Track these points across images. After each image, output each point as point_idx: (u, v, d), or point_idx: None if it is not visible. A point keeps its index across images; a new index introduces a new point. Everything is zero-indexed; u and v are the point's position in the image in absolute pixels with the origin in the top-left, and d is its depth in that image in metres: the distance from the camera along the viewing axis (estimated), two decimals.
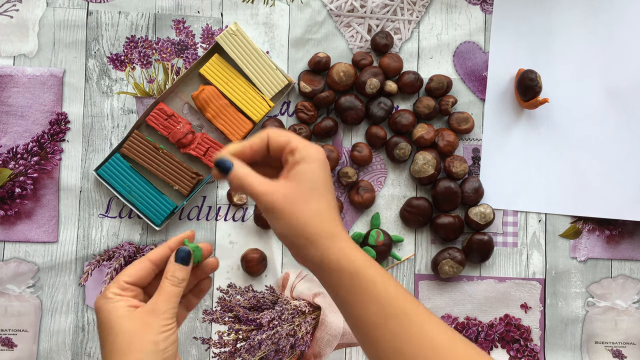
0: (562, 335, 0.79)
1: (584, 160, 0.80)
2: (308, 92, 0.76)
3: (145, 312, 0.50)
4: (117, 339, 0.49)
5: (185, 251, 0.52)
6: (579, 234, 0.80)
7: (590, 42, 0.80)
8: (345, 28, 0.79)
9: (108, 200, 0.76)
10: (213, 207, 0.77)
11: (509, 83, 0.79)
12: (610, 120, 0.80)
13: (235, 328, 0.69)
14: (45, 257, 0.75)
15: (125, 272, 0.52)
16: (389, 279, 0.49)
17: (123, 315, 0.50)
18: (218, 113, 0.75)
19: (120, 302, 0.51)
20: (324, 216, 0.50)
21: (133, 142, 0.75)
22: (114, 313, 0.50)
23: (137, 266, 0.53)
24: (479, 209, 0.77)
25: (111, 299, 0.51)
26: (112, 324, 0.50)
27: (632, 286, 0.80)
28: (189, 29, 0.77)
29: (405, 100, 0.79)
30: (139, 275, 0.52)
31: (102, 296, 0.51)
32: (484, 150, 0.79)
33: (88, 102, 0.76)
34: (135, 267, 0.53)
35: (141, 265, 0.53)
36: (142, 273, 0.53)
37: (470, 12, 0.80)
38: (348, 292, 0.49)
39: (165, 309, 0.50)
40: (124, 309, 0.50)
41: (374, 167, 0.79)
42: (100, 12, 0.76)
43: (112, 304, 0.50)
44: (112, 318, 0.50)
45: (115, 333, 0.49)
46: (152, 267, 0.53)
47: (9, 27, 0.76)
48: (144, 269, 0.53)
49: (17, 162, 0.75)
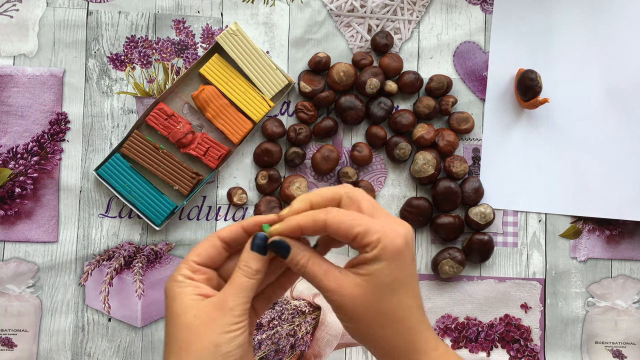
0: (562, 335, 0.79)
1: (584, 160, 0.80)
2: (308, 92, 0.76)
3: (212, 305, 0.43)
4: (178, 331, 0.43)
5: (262, 238, 0.45)
6: (579, 234, 0.80)
7: (590, 42, 0.80)
8: (345, 28, 0.79)
9: (108, 200, 0.76)
10: (213, 207, 0.77)
11: (509, 83, 0.80)
12: (610, 120, 0.80)
13: None
14: (45, 257, 0.75)
15: (193, 251, 0.46)
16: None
17: (189, 306, 0.43)
18: (218, 113, 0.75)
19: (188, 287, 0.44)
20: (403, 327, 0.42)
21: (133, 142, 0.75)
22: (179, 300, 0.44)
23: (205, 244, 0.46)
24: (479, 209, 0.77)
25: (180, 282, 0.44)
26: (176, 313, 0.44)
27: (632, 286, 0.80)
28: (189, 29, 0.77)
29: (405, 100, 0.79)
30: (208, 255, 0.46)
31: (172, 278, 0.45)
32: (484, 150, 0.79)
33: (88, 102, 0.76)
34: (204, 245, 0.46)
35: (210, 243, 0.46)
36: (211, 252, 0.46)
37: (470, 12, 0.80)
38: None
39: (234, 304, 0.43)
40: (191, 298, 0.44)
41: (374, 167, 0.79)
42: (100, 12, 0.76)
43: (180, 288, 0.44)
44: (177, 306, 0.44)
45: (177, 324, 0.43)
46: (223, 246, 0.46)
47: (9, 27, 0.76)
48: (214, 247, 0.46)
49: (17, 162, 0.75)
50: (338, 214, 0.43)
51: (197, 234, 0.76)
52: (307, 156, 0.78)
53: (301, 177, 0.76)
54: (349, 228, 0.42)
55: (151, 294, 0.75)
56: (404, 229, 0.44)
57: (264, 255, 0.45)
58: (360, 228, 0.42)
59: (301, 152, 0.76)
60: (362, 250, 0.43)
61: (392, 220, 0.44)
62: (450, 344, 0.78)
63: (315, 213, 0.44)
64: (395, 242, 0.42)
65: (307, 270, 0.44)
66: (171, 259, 0.76)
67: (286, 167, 0.78)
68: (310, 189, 0.78)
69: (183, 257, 0.76)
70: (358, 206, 0.45)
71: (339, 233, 0.43)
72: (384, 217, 0.44)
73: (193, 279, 0.45)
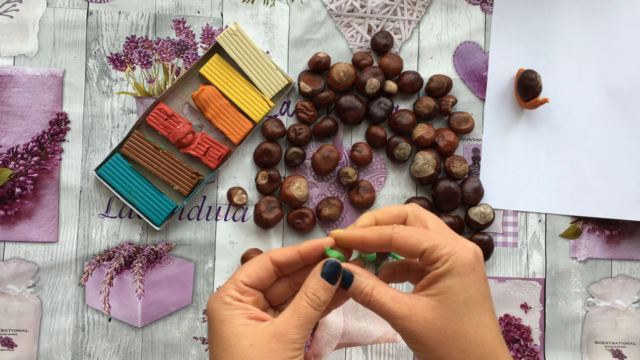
0: (562, 335, 0.79)
1: (584, 160, 0.80)
2: (308, 92, 0.76)
3: (271, 335, 0.40)
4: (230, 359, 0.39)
5: (335, 266, 0.41)
6: (579, 234, 0.80)
7: (590, 42, 0.80)
8: (345, 28, 0.79)
9: (108, 200, 0.76)
10: (213, 207, 0.77)
11: (509, 83, 0.80)
12: (610, 120, 0.80)
13: None
14: (45, 257, 0.75)
15: (243, 271, 0.43)
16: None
17: (242, 333, 0.40)
18: (218, 113, 0.75)
19: (238, 310, 0.41)
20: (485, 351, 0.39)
21: (133, 142, 0.75)
22: (229, 325, 0.40)
23: (255, 265, 0.43)
24: (479, 209, 0.77)
25: (229, 304, 0.41)
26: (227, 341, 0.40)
27: (632, 286, 0.80)
28: (189, 29, 0.77)
29: (405, 100, 0.79)
30: (258, 277, 0.43)
31: (218, 297, 0.42)
32: (484, 150, 0.79)
33: (88, 102, 0.76)
34: (254, 267, 0.43)
35: (261, 265, 0.43)
36: (262, 274, 0.43)
37: (470, 12, 0.80)
38: None
39: (296, 336, 0.40)
40: (243, 322, 0.41)
41: (374, 167, 0.79)
42: (100, 12, 0.77)
43: (229, 311, 0.41)
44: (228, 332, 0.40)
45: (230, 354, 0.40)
46: (274, 269, 0.44)
47: (9, 27, 0.76)
48: (266, 269, 0.43)
49: (17, 162, 0.75)
50: (405, 230, 0.41)
51: (197, 234, 0.76)
52: (307, 156, 0.78)
53: (301, 177, 0.76)
54: (416, 243, 0.40)
55: (151, 294, 0.75)
56: (473, 245, 0.42)
57: (334, 284, 0.42)
58: (429, 243, 0.40)
59: (301, 152, 0.76)
60: (432, 266, 0.40)
61: (460, 237, 0.42)
62: None
63: (381, 228, 0.42)
64: (466, 255, 0.40)
65: (372, 299, 0.41)
66: (171, 259, 0.76)
67: (286, 167, 0.78)
68: (310, 189, 0.78)
69: (183, 257, 0.76)
70: (424, 224, 0.43)
71: (406, 248, 0.41)
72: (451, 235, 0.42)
73: (242, 300, 0.42)
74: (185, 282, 0.76)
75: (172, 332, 0.76)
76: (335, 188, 0.78)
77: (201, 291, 0.76)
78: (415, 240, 0.40)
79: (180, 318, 0.76)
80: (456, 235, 0.43)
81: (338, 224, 0.78)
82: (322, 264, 0.42)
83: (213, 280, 0.76)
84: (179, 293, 0.76)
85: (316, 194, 0.78)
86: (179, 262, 0.76)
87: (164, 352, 0.76)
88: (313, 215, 0.76)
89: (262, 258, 0.44)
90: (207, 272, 0.76)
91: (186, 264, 0.76)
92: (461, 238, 0.43)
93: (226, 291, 0.42)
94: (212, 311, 0.42)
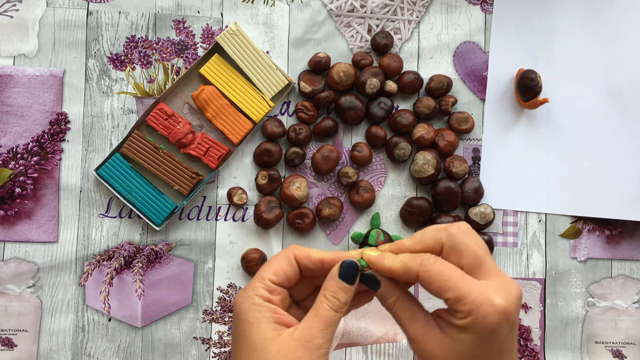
0: (562, 335, 0.79)
1: (584, 160, 0.80)
2: (308, 92, 0.76)
3: (297, 340, 0.39)
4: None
5: (352, 266, 0.41)
6: (579, 234, 0.80)
7: (590, 42, 0.80)
8: (345, 28, 0.79)
9: (108, 200, 0.76)
10: (213, 207, 0.77)
11: (509, 83, 0.79)
12: (610, 120, 0.80)
13: None
14: (45, 257, 0.75)
15: (270, 269, 0.42)
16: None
17: (269, 338, 0.40)
18: (218, 113, 0.75)
19: (267, 312, 0.41)
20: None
21: (133, 142, 0.75)
22: (257, 329, 0.40)
23: (283, 262, 0.43)
24: (479, 209, 0.77)
25: (259, 305, 0.41)
26: (254, 344, 0.40)
27: (632, 286, 0.80)
28: (189, 29, 0.77)
29: (405, 100, 0.79)
30: (285, 274, 0.43)
31: (247, 297, 0.42)
32: (484, 150, 0.79)
33: (88, 102, 0.76)
34: (281, 264, 0.43)
35: (288, 262, 0.43)
36: (288, 271, 0.43)
37: (470, 12, 0.80)
38: None
39: (321, 341, 0.40)
40: (271, 327, 0.40)
41: (374, 167, 0.79)
42: (100, 12, 0.76)
43: (258, 313, 0.41)
44: (256, 336, 0.40)
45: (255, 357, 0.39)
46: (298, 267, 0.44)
47: (9, 27, 0.76)
48: (291, 266, 0.43)
49: (17, 162, 0.75)
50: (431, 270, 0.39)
51: (197, 234, 0.76)
52: (307, 156, 0.78)
53: (301, 177, 0.76)
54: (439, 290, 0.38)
55: (151, 294, 0.75)
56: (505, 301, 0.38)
57: (352, 285, 0.41)
58: (452, 294, 0.38)
59: (301, 152, 0.76)
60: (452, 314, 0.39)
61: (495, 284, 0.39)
62: None
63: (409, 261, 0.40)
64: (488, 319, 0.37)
65: (393, 310, 0.41)
66: (171, 259, 0.76)
67: (286, 167, 0.78)
68: (310, 189, 0.78)
69: (183, 257, 0.76)
70: (458, 258, 0.41)
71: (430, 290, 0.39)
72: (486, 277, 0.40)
73: (271, 301, 0.42)
74: (185, 282, 0.76)
75: (172, 332, 0.76)
76: (335, 188, 0.78)
77: (201, 291, 0.76)
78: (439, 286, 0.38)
79: (180, 318, 0.76)
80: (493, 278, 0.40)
81: (338, 224, 0.78)
82: (339, 265, 0.42)
83: (213, 280, 0.76)
84: (179, 293, 0.76)
85: (316, 194, 0.78)
86: (179, 262, 0.76)
87: (164, 352, 0.76)
88: (313, 215, 0.76)
89: (287, 254, 0.43)
90: (207, 272, 0.76)
91: (186, 264, 0.76)
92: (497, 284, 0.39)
93: (255, 290, 0.42)
94: (240, 311, 0.41)
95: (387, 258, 0.42)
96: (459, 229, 0.42)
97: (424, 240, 0.42)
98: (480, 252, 0.41)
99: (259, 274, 0.43)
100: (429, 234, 0.42)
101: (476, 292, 0.38)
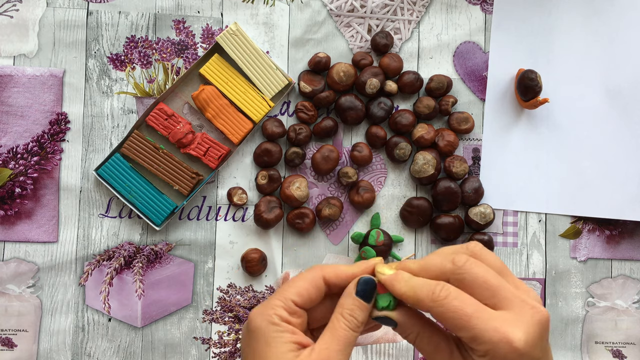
0: (562, 335, 0.79)
1: (584, 160, 0.80)
2: (308, 92, 0.76)
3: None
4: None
5: (370, 283, 0.40)
6: (579, 234, 0.80)
7: (590, 42, 0.80)
8: (345, 28, 0.79)
9: (108, 200, 0.76)
10: (213, 207, 0.77)
11: (509, 83, 0.79)
12: (610, 120, 0.80)
13: (235, 328, 0.69)
14: (45, 257, 0.75)
15: (294, 289, 0.41)
16: None
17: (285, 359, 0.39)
18: (218, 113, 0.75)
19: (285, 333, 0.40)
20: None
21: (133, 142, 0.75)
22: (274, 349, 0.39)
23: (308, 283, 0.41)
24: (479, 209, 0.77)
25: (277, 325, 0.40)
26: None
27: (632, 286, 0.80)
28: (189, 29, 0.77)
29: (405, 100, 0.79)
30: (309, 296, 0.41)
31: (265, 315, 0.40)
32: (484, 150, 0.79)
33: (88, 102, 0.76)
34: (306, 285, 0.41)
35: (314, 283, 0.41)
36: (312, 293, 0.41)
37: (470, 12, 0.80)
38: None
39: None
40: (289, 348, 0.39)
41: (374, 167, 0.79)
42: (100, 12, 0.76)
43: (276, 333, 0.39)
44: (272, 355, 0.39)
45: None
46: (325, 290, 0.42)
47: (9, 27, 0.76)
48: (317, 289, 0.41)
49: (17, 162, 0.75)
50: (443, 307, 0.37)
51: (197, 234, 0.76)
52: (307, 156, 0.78)
53: (301, 177, 0.76)
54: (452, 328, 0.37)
55: (151, 294, 0.75)
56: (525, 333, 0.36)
57: (370, 303, 0.40)
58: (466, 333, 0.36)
59: (301, 152, 0.76)
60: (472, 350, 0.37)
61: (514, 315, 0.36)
62: None
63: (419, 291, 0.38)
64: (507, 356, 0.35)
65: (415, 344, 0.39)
66: (171, 259, 0.76)
67: (286, 167, 0.78)
68: (310, 189, 0.78)
69: (183, 257, 0.76)
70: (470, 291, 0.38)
71: (443, 325, 0.38)
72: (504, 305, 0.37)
73: (290, 322, 0.40)
74: (185, 282, 0.76)
75: (172, 332, 0.76)
76: (335, 188, 0.78)
77: (201, 291, 0.76)
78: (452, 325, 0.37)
79: (180, 318, 0.76)
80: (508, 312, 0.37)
81: (338, 224, 0.78)
82: (356, 282, 0.40)
83: (213, 280, 0.76)
84: (179, 293, 0.76)
85: (316, 194, 0.78)
86: (179, 262, 0.76)
87: (164, 352, 0.76)
88: (313, 215, 0.76)
89: (314, 276, 0.42)
90: (207, 272, 0.76)
91: (186, 264, 0.76)
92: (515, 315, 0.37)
93: (274, 310, 0.40)
94: (256, 329, 0.40)
95: (399, 281, 0.40)
96: (466, 261, 0.40)
97: (428, 269, 0.40)
98: (493, 281, 0.38)
99: (282, 292, 0.41)
100: (434, 262, 0.40)
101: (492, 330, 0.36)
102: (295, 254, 0.77)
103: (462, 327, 0.36)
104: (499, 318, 0.36)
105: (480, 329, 0.36)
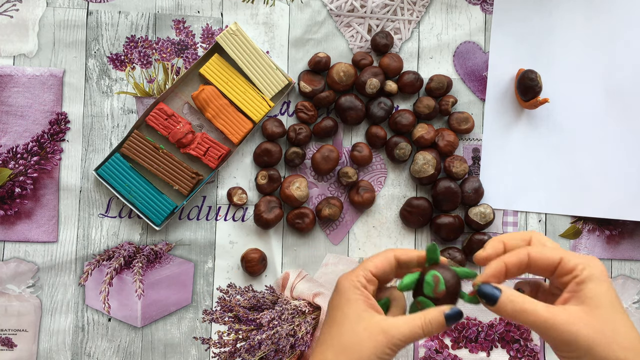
0: None
1: (584, 160, 0.80)
2: (308, 92, 0.76)
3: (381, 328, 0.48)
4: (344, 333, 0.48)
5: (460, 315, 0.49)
6: (579, 234, 0.80)
7: (590, 42, 0.80)
8: (345, 28, 0.79)
9: (108, 200, 0.76)
10: (213, 207, 0.77)
11: (509, 83, 0.80)
12: (610, 120, 0.80)
13: (235, 328, 0.69)
14: (45, 257, 0.75)
15: (371, 262, 0.51)
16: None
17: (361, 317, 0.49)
18: (218, 113, 0.75)
19: (362, 295, 0.50)
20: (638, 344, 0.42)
21: (133, 142, 0.75)
22: (354, 307, 0.49)
23: (382, 258, 0.51)
24: (479, 209, 0.77)
25: (357, 288, 0.50)
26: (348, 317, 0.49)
27: (632, 286, 0.80)
28: (189, 29, 0.77)
29: (405, 100, 0.79)
30: (383, 269, 0.51)
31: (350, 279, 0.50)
32: (484, 150, 0.79)
33: (88, 102, 0.76)
34: (381, 259, 0.51)
35: (386, 259, 0.51)
36: (386, 268, 0.51)
37: (470, 12, 0.80)
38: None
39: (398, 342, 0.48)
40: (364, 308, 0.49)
41: (374, 167, 0.79)
42: (100, 12, 0.76)
43: (356, 295, 0.49)
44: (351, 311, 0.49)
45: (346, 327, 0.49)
46: (396, 265, 0.51)
47: (9, 27, 0.76)
48: (389, 264, 0.51)
49: (17, 162, 0.75)
50: (538, 247, 0.47)
51: (197, 234, 0.76)
52: (307, 156, 0.78)
53: (301, 177, 0.76)
54: (551, 256, 0.45)
55: (151, 294, 0.75)
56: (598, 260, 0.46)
57: (448, 326, 0.49)
58: (564, 254, 0.45)
59: (301, 152, 0.76)
60: (569, 275, 0.45)
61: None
62: (450, 344, 0.78)
63: (517, 251, 0.47)
64: (597, 263, 0.44)
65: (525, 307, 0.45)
66: (171, 259, 0.76)
67: (286, 167, 0.78)
68: (310, 189, 0.78)
69: (183, 257, 0.76)
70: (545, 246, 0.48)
71: (542, 264, 0.46)
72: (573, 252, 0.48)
73: (367, 288, 0.50)
74: (185, 282, 0.76)
75: (172, 332, 0.76)
76: (335, 188, 0.78)
77: (201, 291, 0.76)
78: (550, 254, 0.45)
79: (180, 318, 0.76)
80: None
81: (338, 224, 0.78)
82: (451, 309, 0.48)
83: (213, 280, 0.76)
84: (178, 293, 0.76)
85: (316, 194, 0.78)
86: (179, 262, 0.76)
87: (164, 352, 0.76)
88: (313, 215, 0.76)
89: (387, 253, 0.51)
90: (207, 272, 0.76)
91: (186, 264, 0.76)
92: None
93: (358, 276, 0.50)
94: (343, 289, 0.50)
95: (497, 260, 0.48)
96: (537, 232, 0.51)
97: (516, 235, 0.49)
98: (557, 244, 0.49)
99: (363, 264, 0.52)
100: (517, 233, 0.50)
101: (574, 254, 0.46)
102: (295, 253, 0.77)
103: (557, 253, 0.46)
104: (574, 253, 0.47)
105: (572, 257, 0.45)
